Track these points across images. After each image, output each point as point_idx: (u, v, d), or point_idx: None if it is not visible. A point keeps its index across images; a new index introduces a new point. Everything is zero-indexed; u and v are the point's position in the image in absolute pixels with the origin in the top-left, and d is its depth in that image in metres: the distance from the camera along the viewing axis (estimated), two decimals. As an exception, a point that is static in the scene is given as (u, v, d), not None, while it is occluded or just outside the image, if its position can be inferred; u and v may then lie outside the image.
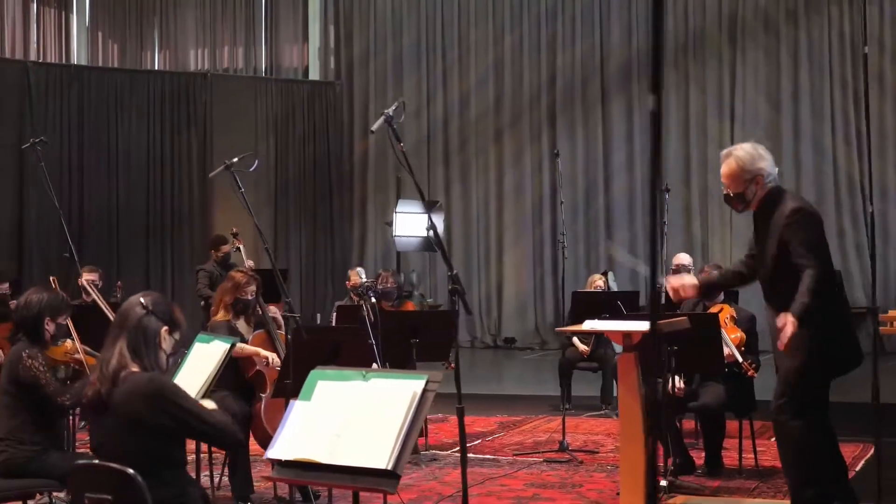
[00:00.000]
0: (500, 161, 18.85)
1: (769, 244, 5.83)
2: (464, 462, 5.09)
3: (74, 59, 18.89)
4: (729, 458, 7.91)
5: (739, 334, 7.56)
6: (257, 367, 6.98)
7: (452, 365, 9.75)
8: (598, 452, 8.62)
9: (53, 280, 11.45)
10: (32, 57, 18.15)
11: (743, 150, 5.97)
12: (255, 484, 7.02)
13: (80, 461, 4.12)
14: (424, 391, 4.07)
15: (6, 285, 8.74)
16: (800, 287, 5.49)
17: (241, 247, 12.47)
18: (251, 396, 7.05)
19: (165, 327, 4.21)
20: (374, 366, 6.74)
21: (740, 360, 7.39)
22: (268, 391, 6.93)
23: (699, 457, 7.81)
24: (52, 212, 16.78)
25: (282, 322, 7.36)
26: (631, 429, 5.81)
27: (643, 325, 5.78)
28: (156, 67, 19.48)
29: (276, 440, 4.17)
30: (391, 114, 5.63)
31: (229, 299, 7.21)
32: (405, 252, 16.38)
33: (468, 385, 13.67)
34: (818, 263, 5.61)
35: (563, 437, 8.67)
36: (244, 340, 7.03)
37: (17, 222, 16.72)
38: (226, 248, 12.44)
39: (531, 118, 18.73)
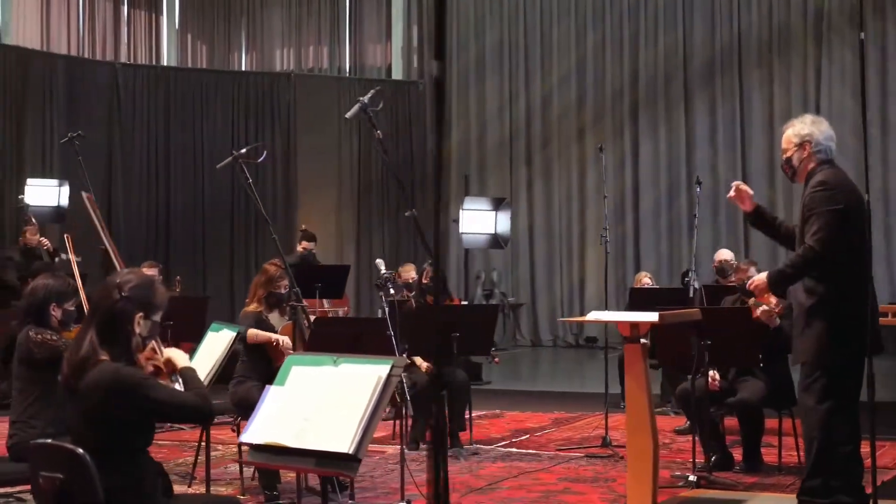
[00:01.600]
0: (583, 159, 18.78)
1: (801, 216, 5.87)
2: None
3: (164, 61, 19.29)
4: (772, 455, 7.79)
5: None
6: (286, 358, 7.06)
7: (497, 359, 9.82)
8: (641, 448, 8.56)
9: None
10: (123, 59, 18.56)
11: (801, 118, 6.10)
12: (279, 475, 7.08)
13: (38, 440, 4.16)
14: (389, 376, 4.10)
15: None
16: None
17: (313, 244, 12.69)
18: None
19: (140, 313, 4.11)
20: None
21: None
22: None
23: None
24: (139, 208, 17.38)
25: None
26: (637, 419, 5.77)
27: (647, 317, 5.76)
28: (243, 68, 19.79)
29: (250, 424, 4.24)
30: (366, 101, 5.64)
31: (262, 292, 7.30)
32: (474, 249, 16.36)
33: (546, 383, 13.78)
34: (818, 244, 5.60)
35: (606, 433, 8.64)
36: (273, 330, 7.13)
37: (105, 220, 17.05)
38: (307, 244, 12.57)
39: (613, 116, 18.64)
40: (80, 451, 3.81)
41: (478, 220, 12.97)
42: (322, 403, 4.12)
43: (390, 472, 7.91)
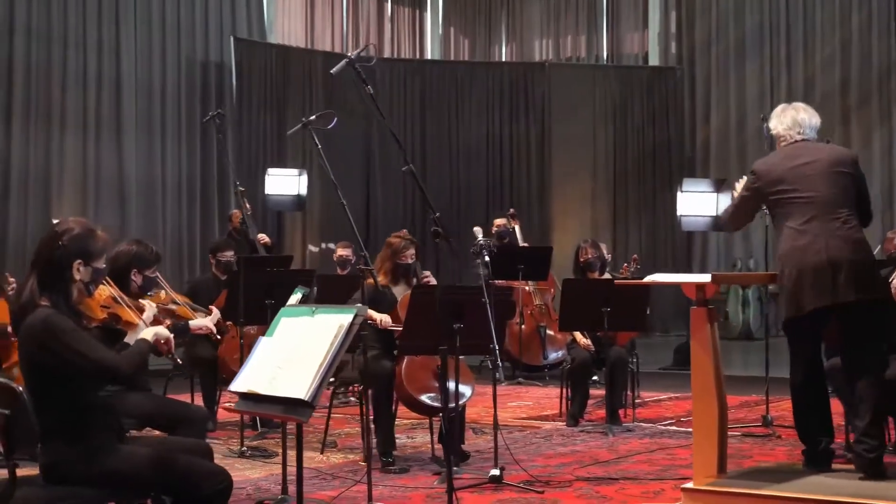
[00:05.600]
0: (847, 144, 17.94)
1: None
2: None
3: (428, 55, 19.84)
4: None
5: None
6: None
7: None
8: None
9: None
10: (387, 54, 19.21)
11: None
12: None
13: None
14: (350, 325, 4.19)
15: (231, 252, 9.39)
16: None
17: (517, 227, 12.76)
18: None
19: (79, 260, 4.22)
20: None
21: None
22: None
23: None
24: (396, 199, 17.95)
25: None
26: (703, 384, 5.59)
27: (702, 278, 5.61)
28: (503, 59, 20.07)
29: (239, 374, 4.43)
30: (354, 57, 5.66)
31: (389, 265, 7.46)
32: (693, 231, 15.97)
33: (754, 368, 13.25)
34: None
35: (767, 412, 8.40)
36: (394, 302, 7.28)
37: (364, 211, 17.70)
38: (500, 221, 12.68)
39: (880, 99, 17.74)
40: (20, 388, 4.01)
41: (697, 202, 12.66)
42: (293, 352, 4.27)
43: (528, 445, 7.96)
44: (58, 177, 14.68)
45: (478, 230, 6.97)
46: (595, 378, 9.96)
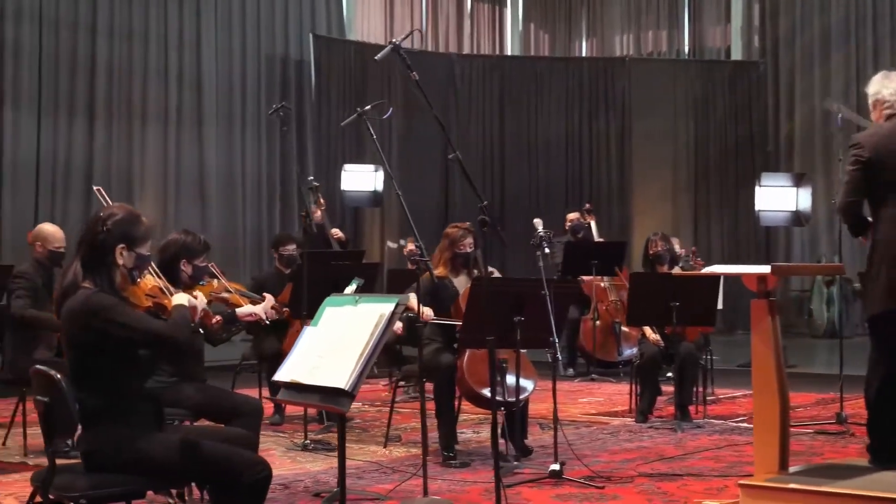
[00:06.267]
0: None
1: None
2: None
3: (508, 51, 19.76)
4: None
5: None
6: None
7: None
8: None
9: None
10: (466, 50, 19.18)
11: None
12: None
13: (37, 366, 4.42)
14: (392, 314, 4.16)
15: (293, 246, 9.43)
16: None
17: (593, 222, 12.66)
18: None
19: (122, 245, 4.26)
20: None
21: None
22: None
23: None
24: (473, 195, 17.89)
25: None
26: (764, 379, 5.45)
27: (762, 269, 5.44)
28: (583, 55, 19.93)
29: (284, 364, 4.42)
30: (399, 42, 5.59)
31: (448, 255, 7.42)
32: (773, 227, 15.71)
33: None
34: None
35: (841, 410, 8.25)
36: (455, 294, 7.24)
37: (443, 207, 17.69)
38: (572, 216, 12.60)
39: (971, 91, 17.28)
40: (58, 375, 4.03)
41: (777, 197, 12.41)
42: (335, 342, 4.25)
43: (594, 441, 7.88)
44: (139, 173, 14.89)
45: (538, 222, 6.89)
46: (669, 374, 9.83)
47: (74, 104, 14.28)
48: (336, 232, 11.57)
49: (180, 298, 4.43)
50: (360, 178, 14.19)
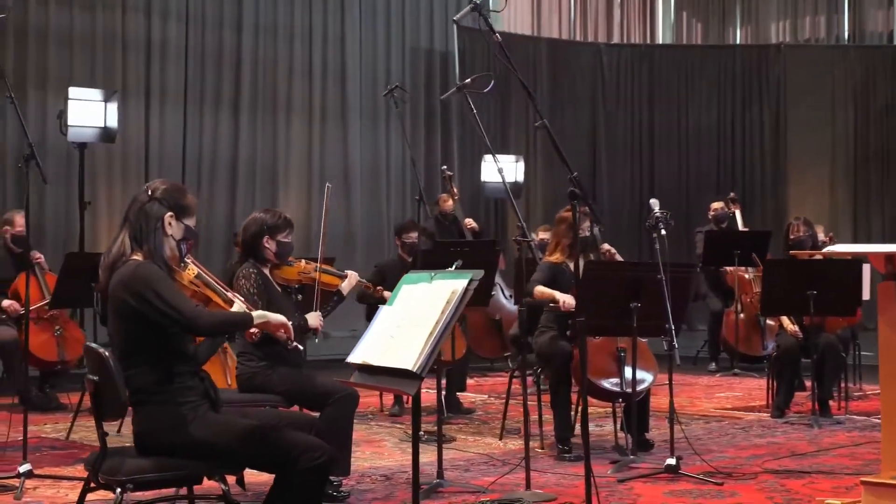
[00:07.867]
0: None
1: None
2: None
3: (659, 40, 19.30)
4: None
5: None
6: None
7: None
8: None
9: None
10: (615, 40, 18.80)
11: None
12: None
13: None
14: (465, 290, 3.96)
15: (416, 234, 9.23)
16: None
17: (738, 212, 12.23)
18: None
19: (170, 213, 4.18)
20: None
21: None
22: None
23: None
24: (622, 185, 17.57)
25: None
26: (891, 370, 5.02)
27: (893, 248, 5.00)
28: (737, 42, 19.33)
29: (357, 346, 4.23)
30: (479, 2, 5.29)
31: (567, 241, 7.15)
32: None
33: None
34: None
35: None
36: (570, 279, 6.97)
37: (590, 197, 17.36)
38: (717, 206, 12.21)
39: None
40: (106, 353, 3.94)
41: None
42: (407, 320, 4.05)
43: (723, 436, 7.55)
44: (284, 167, 14.95)
45: (654, 202, 6.51)
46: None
47: (220, 99, 14.41)
48: (469, 222, 11.42)
49: (258, 315, 4.32)
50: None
